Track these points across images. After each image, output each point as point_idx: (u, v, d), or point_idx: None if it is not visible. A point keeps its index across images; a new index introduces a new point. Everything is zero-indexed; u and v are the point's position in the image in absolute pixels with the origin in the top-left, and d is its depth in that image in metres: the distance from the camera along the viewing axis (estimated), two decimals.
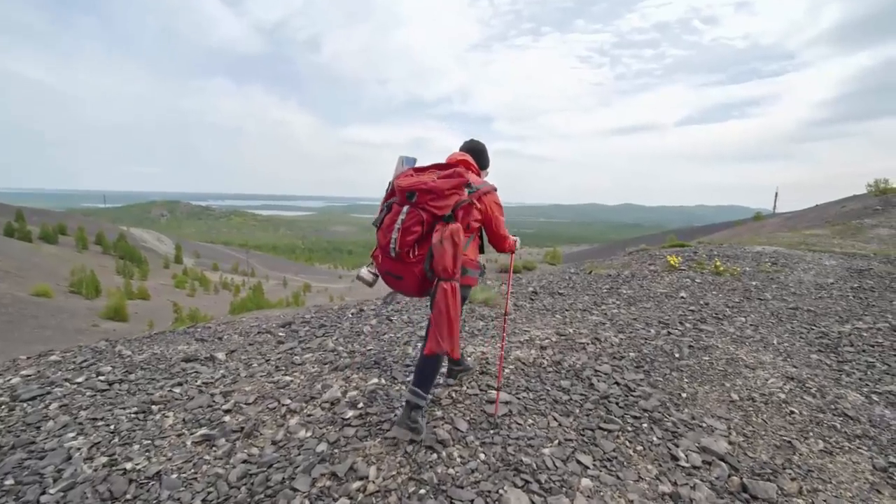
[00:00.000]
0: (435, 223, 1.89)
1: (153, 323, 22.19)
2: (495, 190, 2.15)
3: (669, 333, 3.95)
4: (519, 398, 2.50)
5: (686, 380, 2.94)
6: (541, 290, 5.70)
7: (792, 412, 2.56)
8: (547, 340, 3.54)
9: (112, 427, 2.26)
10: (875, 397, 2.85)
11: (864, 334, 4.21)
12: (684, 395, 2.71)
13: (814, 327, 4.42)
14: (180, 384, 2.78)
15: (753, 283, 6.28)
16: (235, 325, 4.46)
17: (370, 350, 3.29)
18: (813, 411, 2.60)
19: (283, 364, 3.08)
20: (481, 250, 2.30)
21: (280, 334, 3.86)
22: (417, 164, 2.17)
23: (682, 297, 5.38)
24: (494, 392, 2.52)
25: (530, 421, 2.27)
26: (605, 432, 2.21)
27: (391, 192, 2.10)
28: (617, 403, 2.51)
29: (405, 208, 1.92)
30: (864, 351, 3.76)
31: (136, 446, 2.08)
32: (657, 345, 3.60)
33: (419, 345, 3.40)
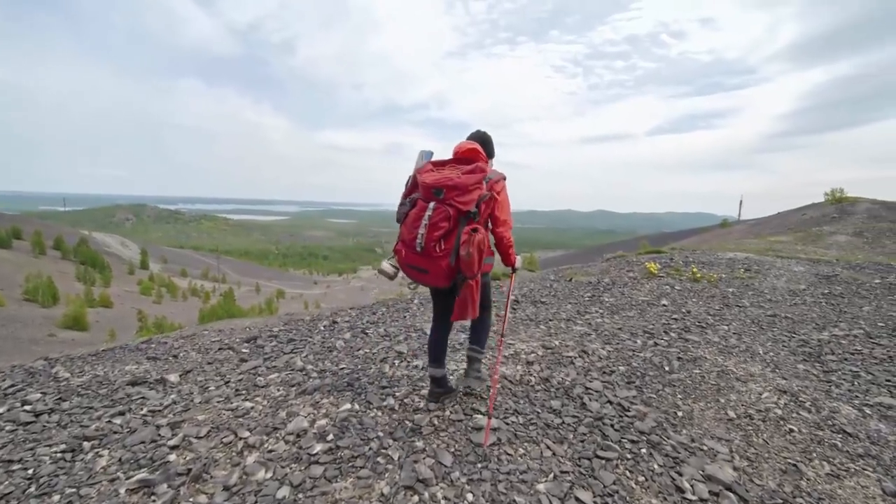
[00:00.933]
0: (460, 218, 1.98)
1: (115, 332, 20.98)
2: (505, 179, 2.21)
3: (656, 344, 3.83)
4: (508, 423, 2.27)
5: (680, 396, 2.79)
6: (522, 299, 5.53)
7: (791, 430, 2.44)
8: (533, 354, 3.34)
9: (31, 471, 1.90)
10: (867, 410, 2.78)
11: (843, 342, 4.21)
12: (680, 413, 2.55)
13: (794, 335, 4.40)
14: (122, 413, 2.42)
15: (730, 289, 6.30)
16: (195, 339, 4.07)
17: (343, 369, 3.00)
18: (811, 428, 2.49)
19: (244, 387, 2.76)
20: None
21: (243, 351, 3.52)
22: (434, 157, 2.25)
23: (664, 305, 5.31)
24: (480, 416, 2.30)
25: (521, 450, 2.05)
26: (603, 461, 2.01)
27: (412, 187, 2.18)
28: (612, 426, 2.33)
29: (431, 204, 1.99)
30: (846, 360, 3.73)
31: (56, 497, 1.74)
32: (646, 357, 3.46)
33: (396, 362, 3.14)
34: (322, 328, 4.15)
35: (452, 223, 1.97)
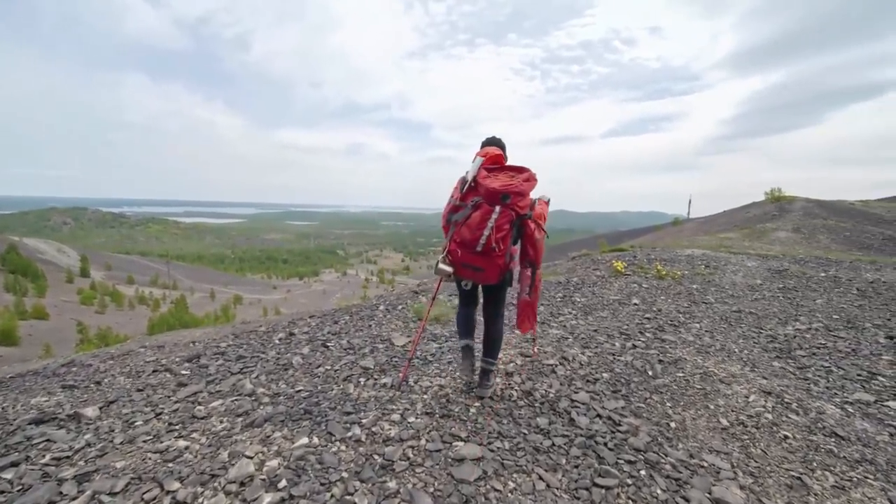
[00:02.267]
0: (517, 220, 2.17)
1: (51, 346, 19.09)
2: None
3: (635, 346, 3.70)
4: (493, 450, 1.99)
5: (669, 404, 2.63)
6: None
7: (786, 437, 2.32)
8: (512, 364, 3.10)
9: None
10: (849, 408, 2.73)
11: (807, 336, 4.27)
12: (673, 424, 2.38)
13: (761, 330, 4.43)
14: (15, 465, 1.93)
15: (694, 286, 6.38)
16: (126, 360, 3.53)
17: (300, 391, 2.61)
18: (805, 434, 2.38)
19: (180, 419, 2.32)
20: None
21: (183, 373, 3.04)
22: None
23: (636, 304, 5.26)
24: (460, 444, 2.01)
25: (511, 484, 1.77)
26: (603, 490, 1.77)
27: (471, 191, 2.27)
28: (605, 444, 2.11)
29: (497, 208, 2.11)
30: (814, 354, 3.75)
31: None
32: (627, 361, 3.31)
33: (361, 380, 2.79)
34: (277, 341, 3.72)
35: (511, 226, 2.14)
